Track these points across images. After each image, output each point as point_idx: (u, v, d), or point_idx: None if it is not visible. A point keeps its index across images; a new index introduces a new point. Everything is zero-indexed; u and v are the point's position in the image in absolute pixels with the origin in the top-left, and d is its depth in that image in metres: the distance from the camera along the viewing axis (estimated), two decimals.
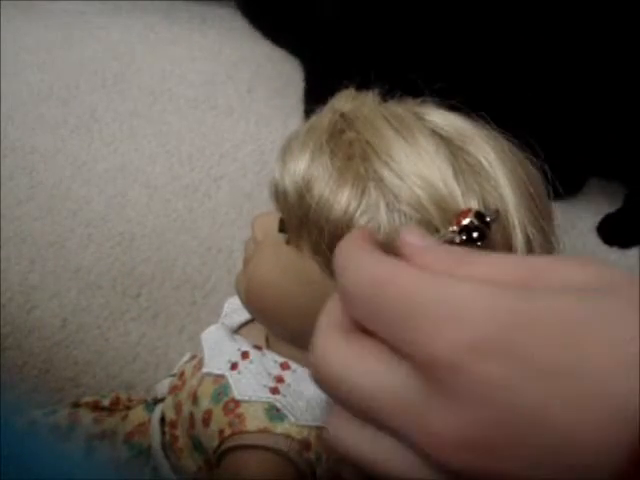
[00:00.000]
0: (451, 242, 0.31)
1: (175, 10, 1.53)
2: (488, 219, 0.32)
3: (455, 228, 0.32)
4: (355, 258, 0.23)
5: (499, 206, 0.37)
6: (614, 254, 1.03)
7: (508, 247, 0.38)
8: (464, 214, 0.32)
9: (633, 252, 1.03)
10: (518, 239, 0.38)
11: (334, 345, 0.22)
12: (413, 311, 0.20)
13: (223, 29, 1.49)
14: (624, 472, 0.18)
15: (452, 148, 0.38)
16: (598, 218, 1.07)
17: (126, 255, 0.94)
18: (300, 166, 0.39)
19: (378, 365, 0.21)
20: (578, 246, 1.03)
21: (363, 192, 0.36)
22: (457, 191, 0.36)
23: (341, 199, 0.37)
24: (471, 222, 0.31)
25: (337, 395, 0.22)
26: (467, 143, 0.39)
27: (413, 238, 0.25)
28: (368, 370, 0.21)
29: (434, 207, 0.36)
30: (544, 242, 0.40)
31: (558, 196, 0.43)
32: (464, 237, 0.32)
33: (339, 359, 0.22)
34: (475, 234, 0.31)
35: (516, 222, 0.38)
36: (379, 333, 0.21)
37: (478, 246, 0.32)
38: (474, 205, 0.37)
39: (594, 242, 1.05)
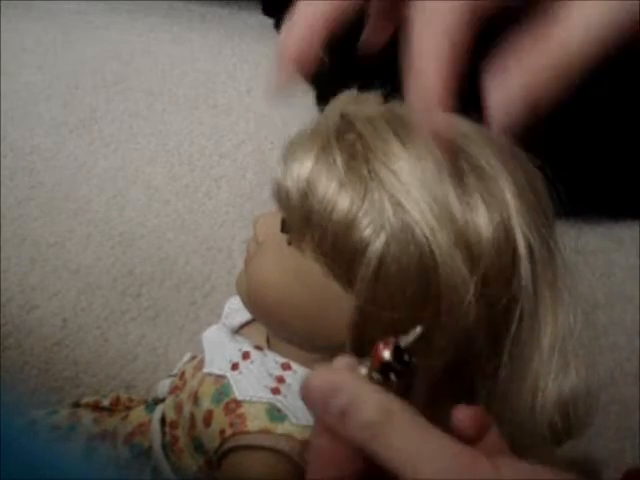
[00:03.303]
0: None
1: (175, 10, 1.53)
2: (406, 357, 0.29)
3: (373, 366, 0.29)
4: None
5: (502, 219, 0.37)
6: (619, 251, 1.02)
7: (512, 253, 0.38)
8: (380, 350, 0.29)
9: (634, 251, 1.02)
10: (521, 245, 0.38)
11: None
12: None
13: (223, 29, 1.48)
14: None
15: (454, 150, 0.38)
16: None
17: (126, 255, 0.94)
18: (303, 168, 0.39)
19: None
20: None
21: (365, 193, 0.36)
22: (456, 205, 0.37)
23: (344, 200, 0.37)
24: (388, 362, 0.29)
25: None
26: (469, 145, 0.39)
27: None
28: None
29: (434, 216, 0.36)
30: (543, 246, 0.40)
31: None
32: (381, 378, 0.29)
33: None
34: (392, 376, 0.29)
35: (518, 228, 0.38)
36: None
37: (399, 382, 0.29)
38: (472, 217, 0.37)
39: None
